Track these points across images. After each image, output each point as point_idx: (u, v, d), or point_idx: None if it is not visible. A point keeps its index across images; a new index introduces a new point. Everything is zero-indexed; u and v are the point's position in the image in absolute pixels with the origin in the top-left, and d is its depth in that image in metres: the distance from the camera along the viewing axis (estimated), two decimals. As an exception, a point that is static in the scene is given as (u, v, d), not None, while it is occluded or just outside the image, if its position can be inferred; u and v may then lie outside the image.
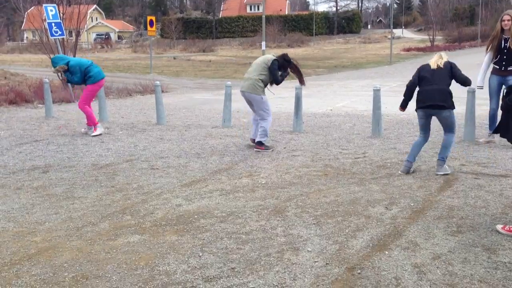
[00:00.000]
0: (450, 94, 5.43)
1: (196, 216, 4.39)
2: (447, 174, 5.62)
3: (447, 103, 5.38)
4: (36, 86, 15.48)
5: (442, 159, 5.68)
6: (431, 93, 5.41)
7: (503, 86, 6.64)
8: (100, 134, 8.48)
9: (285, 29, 65.26)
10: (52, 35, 13.44)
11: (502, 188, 5.09)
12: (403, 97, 5.83)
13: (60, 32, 13.47)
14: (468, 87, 6.15)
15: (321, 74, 25.88)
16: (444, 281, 3.13)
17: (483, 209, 4.48)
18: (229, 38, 68.90)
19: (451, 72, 5.51)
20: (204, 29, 71.87)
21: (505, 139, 4.34)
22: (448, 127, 5.60)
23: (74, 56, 16.39)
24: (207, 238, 3.89)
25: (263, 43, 23.36)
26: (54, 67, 8.45)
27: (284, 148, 7.30)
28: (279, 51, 10.32)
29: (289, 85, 11.28)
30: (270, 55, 7.24)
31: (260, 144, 7.12)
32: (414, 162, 5.82)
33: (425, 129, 5.75)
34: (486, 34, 60.15)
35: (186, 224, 4.20)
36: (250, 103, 7.26)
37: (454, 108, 5.49)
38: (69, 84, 10.86)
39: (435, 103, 5.39)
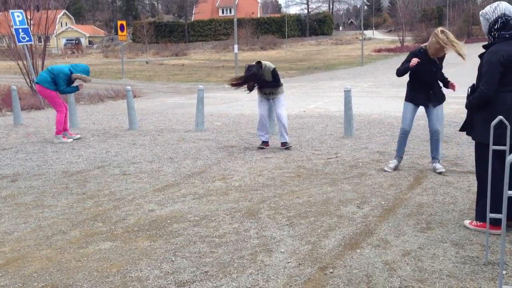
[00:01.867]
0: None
1: (169, 221, 4.37)
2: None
3: None
4: (4, 94, 15.16)
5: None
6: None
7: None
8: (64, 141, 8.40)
9: (257, 32, 65.46)
10: (19, 41, 13.19)
11: (469, 184, 5.21)
12: None
13: (28, 38, 13.23)
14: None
15: (294, 76, 26.04)
16: (414, 277, 3.19)
17: (452, 205, 4.58)
18: (202, 41, 68.71)
19: None
20: (176, 33, 71.49)
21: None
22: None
23: (43, 62, 16.12)
24: (180, 242, 3.87)
25: (236, 46, 23.36)
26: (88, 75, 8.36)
27: (257, 150, 7.32)
28: (252, 54, 10.40)
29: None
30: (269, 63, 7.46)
31: (287, 143, 7.36)
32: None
33: None
34: (454, 34, 61.53)
35: (158, 229, 4.17)
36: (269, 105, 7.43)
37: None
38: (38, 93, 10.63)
39: None
